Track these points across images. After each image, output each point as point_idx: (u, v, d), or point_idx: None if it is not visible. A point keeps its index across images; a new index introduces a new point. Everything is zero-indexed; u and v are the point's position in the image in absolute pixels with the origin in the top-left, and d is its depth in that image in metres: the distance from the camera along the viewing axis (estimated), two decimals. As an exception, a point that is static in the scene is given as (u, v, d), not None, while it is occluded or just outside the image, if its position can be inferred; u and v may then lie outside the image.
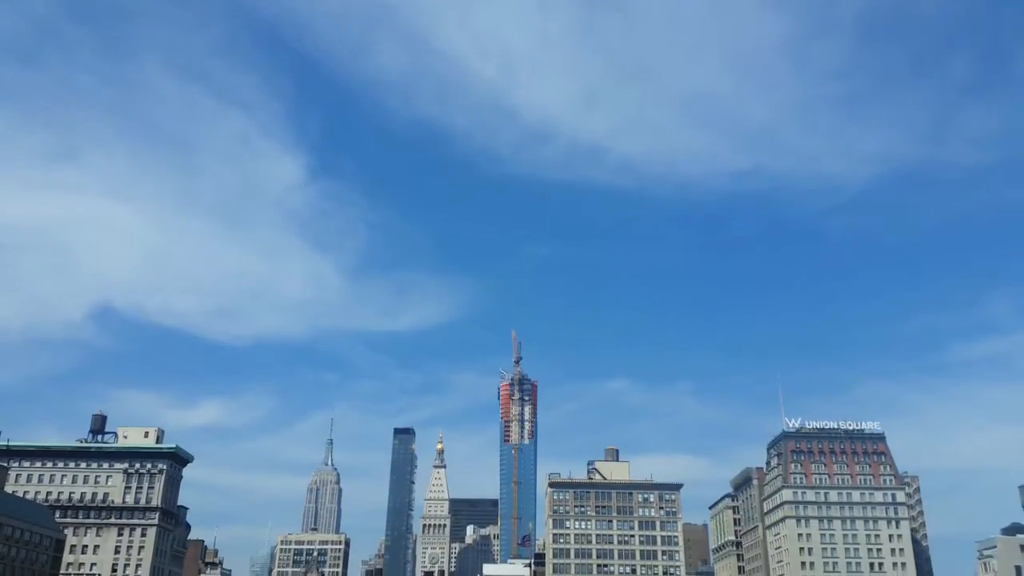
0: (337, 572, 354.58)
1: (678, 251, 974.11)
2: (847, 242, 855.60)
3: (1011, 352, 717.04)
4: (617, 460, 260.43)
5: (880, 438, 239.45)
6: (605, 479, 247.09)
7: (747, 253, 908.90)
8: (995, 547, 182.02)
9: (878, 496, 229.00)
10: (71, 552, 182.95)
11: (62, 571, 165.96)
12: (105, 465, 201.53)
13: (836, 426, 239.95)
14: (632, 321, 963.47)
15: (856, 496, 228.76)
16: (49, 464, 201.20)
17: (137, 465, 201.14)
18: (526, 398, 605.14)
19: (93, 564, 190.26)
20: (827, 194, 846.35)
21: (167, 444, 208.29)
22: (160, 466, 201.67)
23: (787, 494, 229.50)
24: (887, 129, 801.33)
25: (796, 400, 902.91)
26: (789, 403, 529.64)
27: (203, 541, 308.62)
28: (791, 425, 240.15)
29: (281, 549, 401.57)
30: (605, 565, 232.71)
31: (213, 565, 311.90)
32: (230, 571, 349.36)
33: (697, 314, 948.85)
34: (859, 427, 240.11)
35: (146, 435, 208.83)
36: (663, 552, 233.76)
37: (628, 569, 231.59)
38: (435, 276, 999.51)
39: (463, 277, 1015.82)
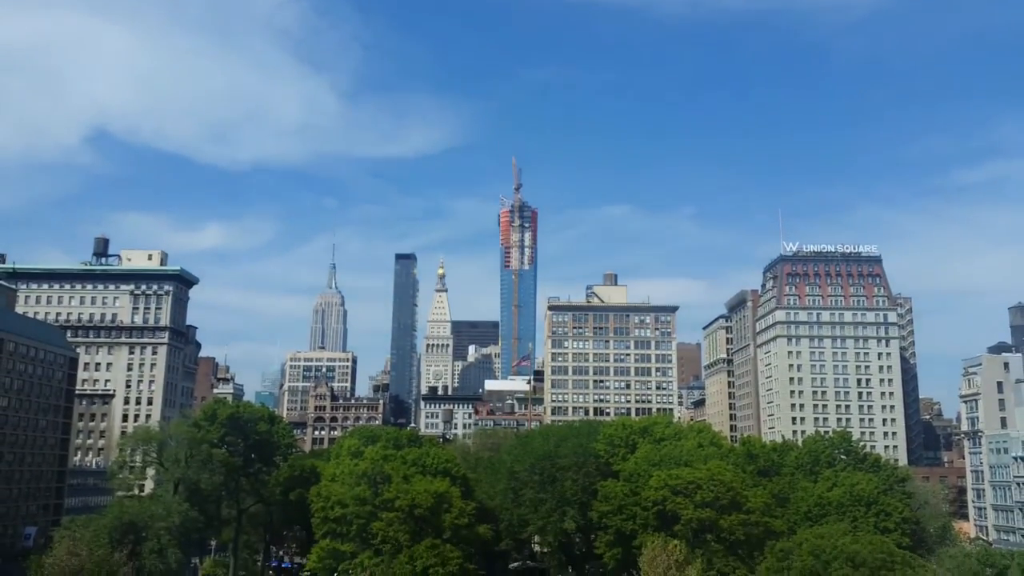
0: (346, 387, 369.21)
1: (683, 73, 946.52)
2: (855, 64, 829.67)
3: (1014, 176, 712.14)
4: (615, 284, 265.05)
5: (876, 261, 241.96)
6: (603, 302, 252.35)
7: (753, 74, 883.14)
8: (980, 364, 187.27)
9: (870, 317, 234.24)
10: (85, 369, 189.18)
11: (77, 388, 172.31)
12: (112, 287, 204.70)
13: (833, 249, 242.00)
14: (634, 146, 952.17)
15: (848, 317, 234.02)
16: (56, 286, 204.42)
17: (143, 287, 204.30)
18: (526, 225, 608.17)
19: (107, 380, 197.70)
20: (839, 12, 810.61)
21: (171, 266, 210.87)
22: (166, 287, 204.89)
23: (780, 315, 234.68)
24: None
25: (795, 225, 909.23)
26: (788, 228, 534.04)
27: (214, 358, 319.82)
28: (788, 249, 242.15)
29: (291, 366, 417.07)
30: (601, 381, 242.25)
31: (225, 380, 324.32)
32: (242, 386, 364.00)
33: (701, 138, 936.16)
34: (856, 250, 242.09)
35: (150, 258, 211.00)
36: (657, 369, 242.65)
37: (623, 384, 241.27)
38: (434, 99, 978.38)
39: (463, 101, 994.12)
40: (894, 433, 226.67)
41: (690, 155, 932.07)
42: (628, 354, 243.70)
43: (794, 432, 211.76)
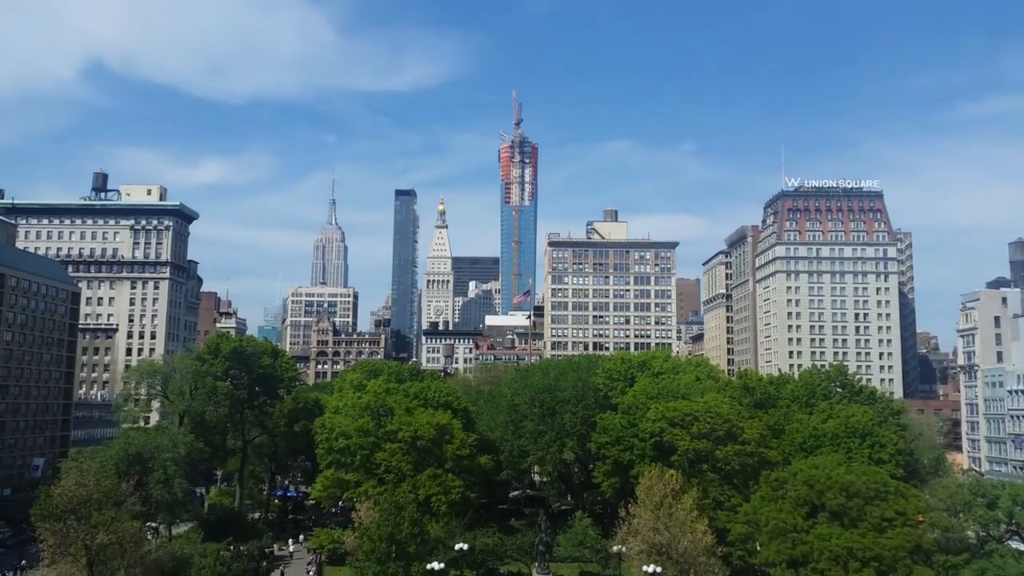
0: (347, 322, 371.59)
1: (686, 5, 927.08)
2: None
3: (1019, 111, 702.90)
4: (616, 220, 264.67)
5: (878, 196, 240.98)
6: (603, 238, 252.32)
7: (759, 5, 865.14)
8: (978, 299, 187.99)
9: (869, 252, 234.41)
10: (87, 304, 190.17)
11: (80, 322, 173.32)
12: (112, 222, 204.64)
13: (835, 185, 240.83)
14: (636, 80, 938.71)
15: (848, 252, 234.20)
16: (56, 221, 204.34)
17: (143, 221, 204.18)
18: (526, 160, 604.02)
19: (110, 315, 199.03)
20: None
21: (171, 201, 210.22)
22: (166, 222, 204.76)
23: (780, 250, 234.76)
24: None
25: (798, 160, 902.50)
26: (790, 163, 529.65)
27: (216, 293, 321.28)
28: (790, 184, 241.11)
29: (293, 301, 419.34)
30: (601, 316, 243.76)
31: (228, 315, 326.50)
32: (244, 320, 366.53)
33: (705, 71, 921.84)
34: (858, 185, 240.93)
35: (149, 192, 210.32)
36: (656, 304, 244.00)
37: (622, 320, 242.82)
38: (433, 31, 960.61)
39: (463, 34, 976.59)
40: (890, 367, 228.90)
41: (692, 90, 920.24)
42: (628, 289, 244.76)
43: (791, 366, 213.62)
